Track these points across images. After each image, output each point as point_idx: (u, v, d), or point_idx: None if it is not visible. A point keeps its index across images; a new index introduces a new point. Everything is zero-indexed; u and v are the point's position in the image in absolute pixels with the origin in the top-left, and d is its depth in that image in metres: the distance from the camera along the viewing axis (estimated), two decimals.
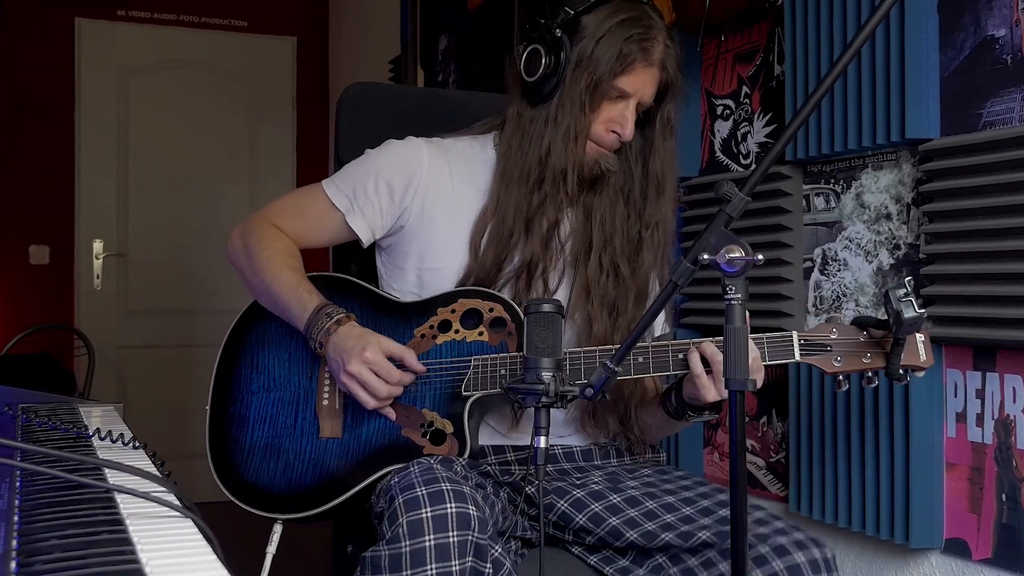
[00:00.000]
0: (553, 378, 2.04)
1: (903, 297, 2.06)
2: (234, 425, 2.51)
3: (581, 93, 2.36)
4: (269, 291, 2.45)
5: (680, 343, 2.24)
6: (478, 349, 2.37)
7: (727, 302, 1.71)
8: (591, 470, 2.46)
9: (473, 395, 2.32)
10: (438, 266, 2.47)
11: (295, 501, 2.39)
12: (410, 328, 2.41)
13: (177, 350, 7.09)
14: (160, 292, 7.12)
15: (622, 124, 2.40)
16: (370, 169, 2.51)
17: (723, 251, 1.69)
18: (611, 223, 2.49)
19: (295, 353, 2.50)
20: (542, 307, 2.10)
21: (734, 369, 1.70)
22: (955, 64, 2.55)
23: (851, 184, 2.86)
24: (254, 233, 2.54)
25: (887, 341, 2.19)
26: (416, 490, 2.00)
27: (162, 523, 1.24)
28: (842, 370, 2.21)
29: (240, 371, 2.55)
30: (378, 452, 2.35)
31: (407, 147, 2.52)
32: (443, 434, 2.32)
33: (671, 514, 2.26)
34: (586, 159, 2.42)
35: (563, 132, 2.38)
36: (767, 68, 3.19)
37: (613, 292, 2.49)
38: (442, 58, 5.74)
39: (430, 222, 2.47)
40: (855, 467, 2.76)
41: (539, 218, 2.43)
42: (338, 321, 2.33)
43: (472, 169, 2.51)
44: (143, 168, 7.10)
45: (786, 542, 2.09)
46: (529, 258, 2.42)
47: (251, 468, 2.45)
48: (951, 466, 2.58)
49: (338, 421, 2.41)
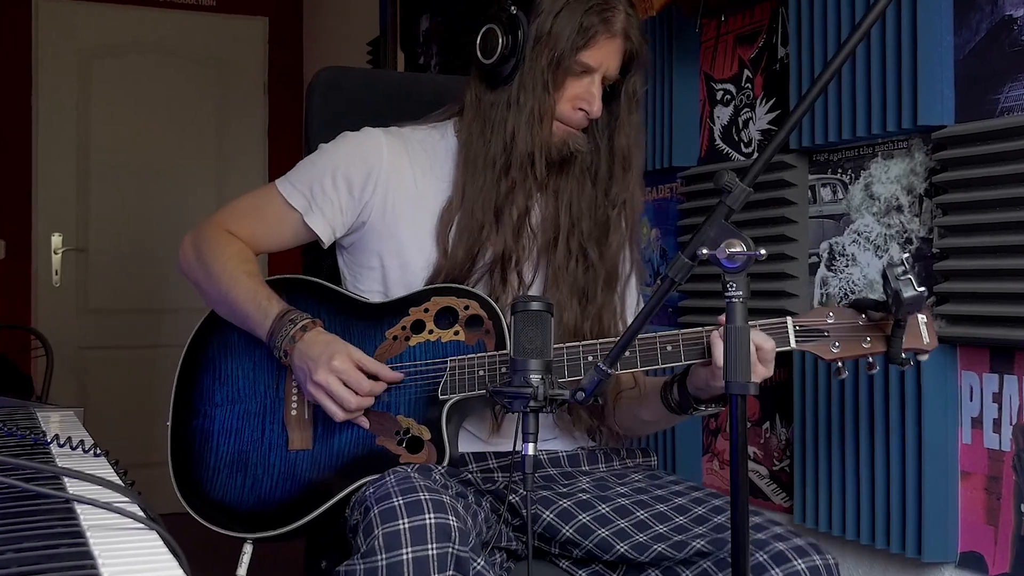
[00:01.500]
0: (542, 381, 2.01)
1: (901, 275, 2.05)
2: (198, 441, 2.50)
3: (543, 71, 2.38)
4: (227, 300, 2.45)
5: (668, 334, 2.25)
6: (454, 349, 2.37)
7: (727, 300, 1.71)
8: (578, 476, 2.46)
9: (451, 398, 2.32)
10: (404, 263, 2.47)
11: (265, 518, 2.38)
12: (381, 330, 2.41)
13: (141, 351, 7.07)
14: (123, 289, 7.10)
15: (589, 100, 2.41)
16: (326, 164, 2.51)
17: (723, 246, 1.70)
18: (578, 205, 2.51)
19: (260, 362, 2.50)
20: (531, 305, 2.08)
21: (735, 371, 1.70)
22: (970, 46, 2.55)
23: (860, 174, 2.87)
24: (207, 240, 2.53)
25: (887, 324, 2.19)
26: (392, 500, 2.00)
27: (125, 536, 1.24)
28: (841, 356, 2.22)
29: (202, 382, 2.55)
30: (352, 463, 2.35)
31: (364, 138, 2.52)
32: (420, 441, 2.32)
33: (663, 524, 2.26)
34: (553, 140, 2.43)
35: (527, 114, 2.39)
36: (770, 50, 3.19)
37: (583, 279, 2.51)
38: (423, 40, 5.74)
39: (393, 217, 2.48)
40: (864, 475, 2.76)
41: (508, 207, 2.43)
42: (303, 327, 2.32)
43: (433, 159, 2.52)
44: (105, 157, 7.07)
45: (785, 548, 2.09)
46: (502, 250, 2.43)
47: (217, 486, 2.45)
48: (966, 475, 2.58)
49: (308, 432, 2.41)
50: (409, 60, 5.89)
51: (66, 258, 6.99)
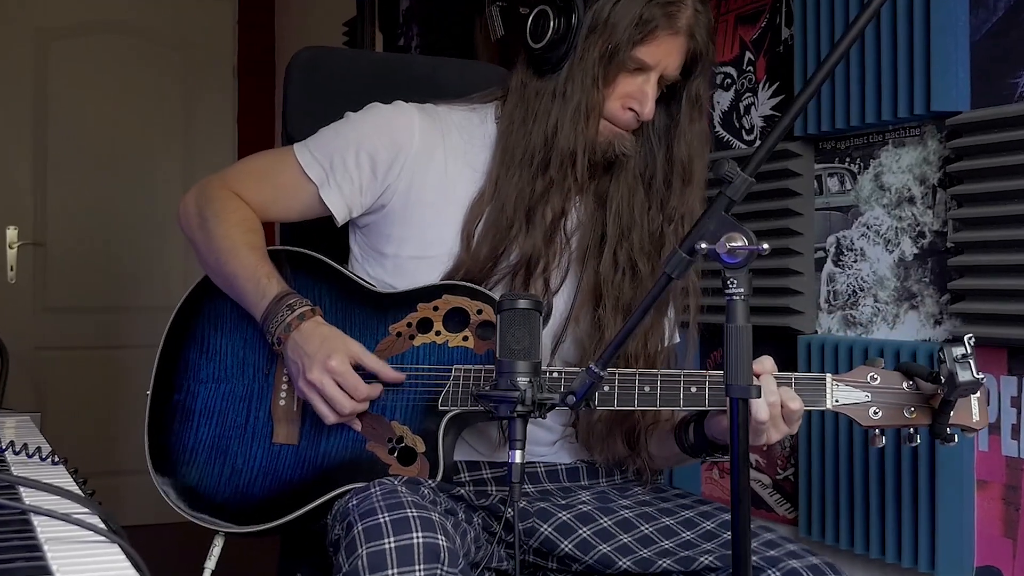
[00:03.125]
0: (530, 384, 2.00)
1: (960, 358, 2.03)
2: (177, 418, 2.48)
3: (594, 64, 2.31)
4: (224, 271, 2.42)
5: (694, 374, 2.21)
6: (461, 357, 2.33)
7: (728, 297, 1.71)
8: (577, 490, 2.45)
9: (451, 411, 2.29)
10: (422, 254, 2.43)
11: (240, 513, 2.37)
12: (385, 324, 2.39)
13: (102, 352, 7.04)
14: (83, 286, 7.06)
15: (641, 101, 2.35)
16: (351, 137, 2.45)
17: (723, 240, 1.70)
18: (629, 214, 2.44)
19: (251, 340, 2.47)
20: (517, 303, 2.05)
21: (736, 374, 1.70)
22: (987, 27, 2.56)
23: (869, 163, 2.87)
24: (212, 200, 2.50)
25: (936, 398, 2.16)
26: (378, 516, 1.99)
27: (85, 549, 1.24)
28: (880, 424, 2.17)
29: (188, 354, 2.52)
30: (337, 466, 2.33)
31: (396, 114, 2.47)
32: (413, 453, 2.29)
33: (669, 539, 2.25)
34: (599, 140, 2.37)
35: (573, 109, 2.33)
36: (773, 31, 3.20)
37: (629, 293, 2.44)
38: (403, 19, 5.74)
39: (417, 203, 2.44)
40: (873, 485, 2.76)
41: (542, 207, 2.38)
42: (301, 315, 2.30)
43: (469, 145, 2.48)
44: (63, 146, 7.03)
45: (800, 567, 2.10)
46: (529, 253, 2.37)
47: (193, 469, 2.43)
48: (983, 484, 2.59)
49: (295, 426, 2.39)
50: (388, 41, 5.89)
51: (22, 253, 6.97)
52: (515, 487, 1.99)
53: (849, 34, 1.68)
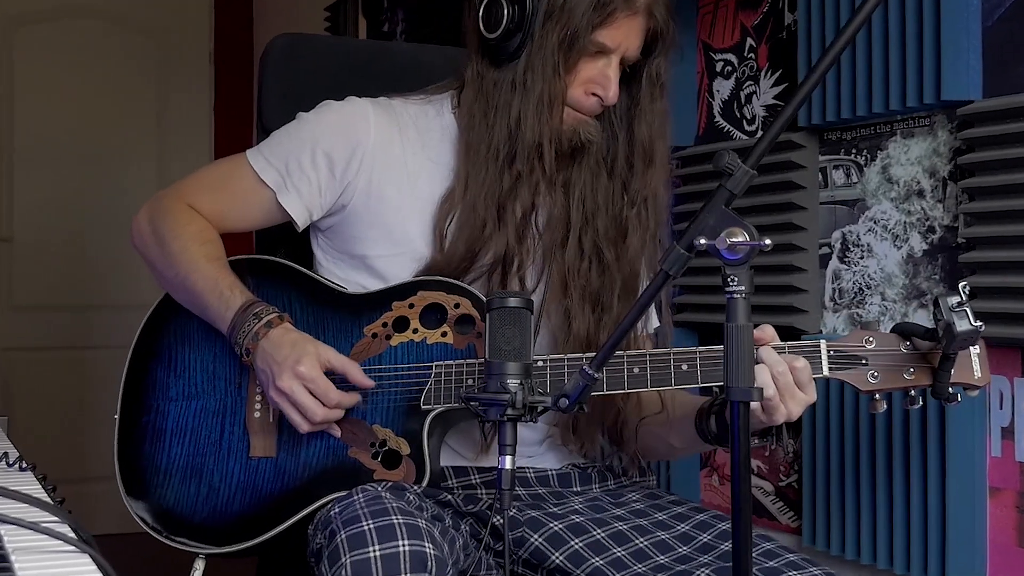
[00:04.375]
0: (520, 386, 2.00)
1: (956, 307, 2.04)
2: (148, 440, 2.48)
3: (553, 51, 2.31)
4: (184, 286, 2.42)
5: (684, 351, 2.22)
6: (441, 353, 2.34)
7: (728, 295, 1.71)
8: (569, 496, 2.45)
9: (434, 409, 2.30)
10: (390, 252, 2.44)
11: (220, 532, 2.37)
12: (359, 326, 2.39)
13: (73, 353, 7.03)
14: (52, 284, 7.04)
15: (604, 85, 2.36)
16: (305, 137, 2.46)
17: (723, 235, 1.70)
18: (592, 200, 2.45)
19: (221, 354, 2.47)
20: (507, 301, 2.06)
21: (736, 376, 1.70)
22: (1000, 11, 2.56)
23: (876, 155, 2.87)
24: (166, 215, 2.50)
25: (934, 355, 2.17)
26: (362, 524, 1.98)
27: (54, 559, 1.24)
28: (879, 388, 2.18)
29: (155, 373, 2.53)
30: (320, 476, 2.33)
31: (349, 110, 2.48)
32: (398, 455, 2.30)
33: (665, 554, 2.25)
34: (563, 129, 2.38)
35: (535, 99, 2.33)
36: (776, 16, 3.20)
37: (596, 282, 2.45)
38: (388, 5, 5.73)
39: (379, 201, 2.44)
40: (881, 492, 2.76)
41: (511, 204, 2.39)
42: (268, 323, 2.30)
43: (426, 138, 2.49)
44: (30, 137, 7.01)
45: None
46: (503, 252, 2.38)
47: (168, 492, 2.43)
48: (995, 491, 2.59)
49: (272, 438, 2.40)
50: (372, 27, 5.88)
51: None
52: (505, 494, 1.99)
53: (855, 19, 1.68)
